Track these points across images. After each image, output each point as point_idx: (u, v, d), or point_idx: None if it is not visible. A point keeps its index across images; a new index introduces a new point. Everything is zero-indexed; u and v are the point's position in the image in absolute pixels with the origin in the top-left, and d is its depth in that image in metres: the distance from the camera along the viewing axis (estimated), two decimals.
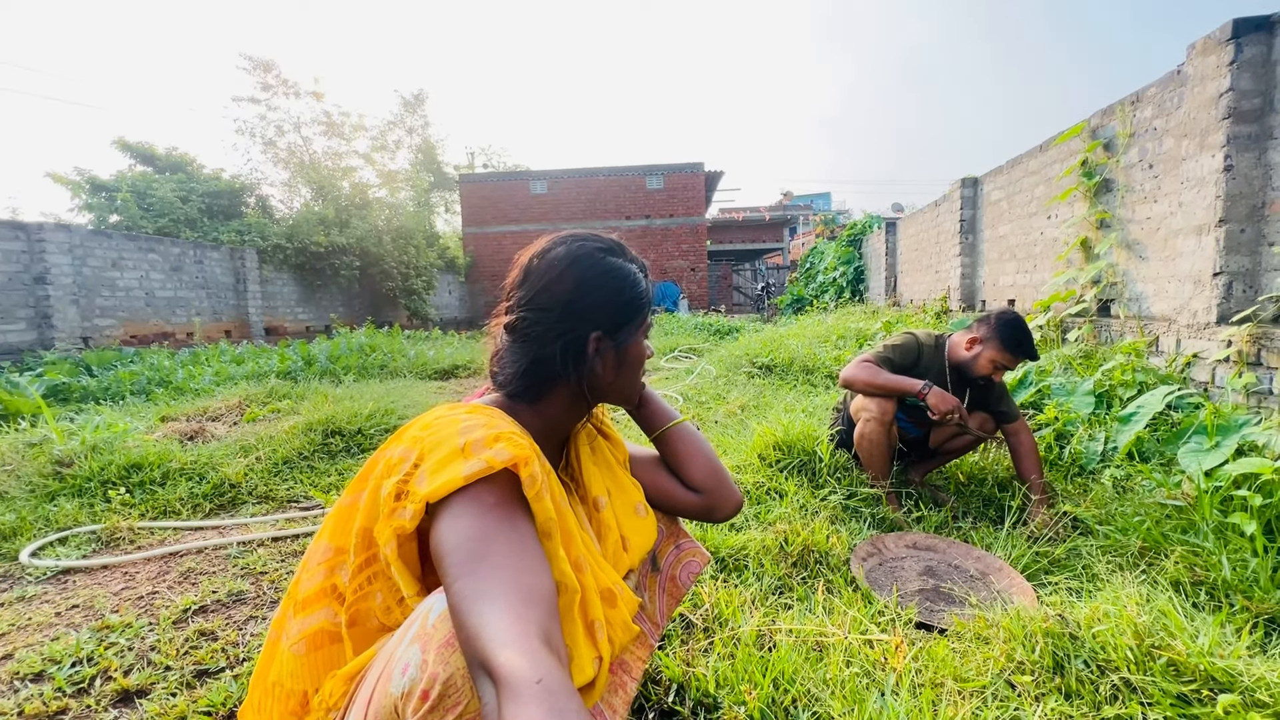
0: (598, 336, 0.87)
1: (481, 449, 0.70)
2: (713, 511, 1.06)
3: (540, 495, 0.71)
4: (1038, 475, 2.20)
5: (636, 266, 0.92)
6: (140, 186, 10.52)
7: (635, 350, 0.91)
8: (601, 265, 0.88)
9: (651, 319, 0.94)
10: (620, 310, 0.88)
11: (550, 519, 0.73)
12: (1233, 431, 2.15)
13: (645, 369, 0.97)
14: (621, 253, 0.92)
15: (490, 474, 0.68)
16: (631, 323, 0.89)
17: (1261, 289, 2.77)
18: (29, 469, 2.63)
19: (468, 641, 0.56)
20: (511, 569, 0.61)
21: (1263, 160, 2.77)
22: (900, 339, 2.33)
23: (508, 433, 0.74)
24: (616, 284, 0.88)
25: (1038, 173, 5.00)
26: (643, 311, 0.91)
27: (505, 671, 0.51)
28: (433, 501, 0.67)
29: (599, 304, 0.87)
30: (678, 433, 1.06)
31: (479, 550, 0.62)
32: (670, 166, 18.03)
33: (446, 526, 0.65)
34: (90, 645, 1.47)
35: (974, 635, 1.38)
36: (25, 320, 7.00)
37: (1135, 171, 3.67)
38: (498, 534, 0.64)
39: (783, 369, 5.06)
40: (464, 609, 0.58)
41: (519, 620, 0.56)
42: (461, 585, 0.60)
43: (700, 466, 1.04)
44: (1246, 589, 1.49)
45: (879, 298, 10.85)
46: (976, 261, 6.55)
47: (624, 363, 0.90)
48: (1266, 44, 2.74)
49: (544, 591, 0.62)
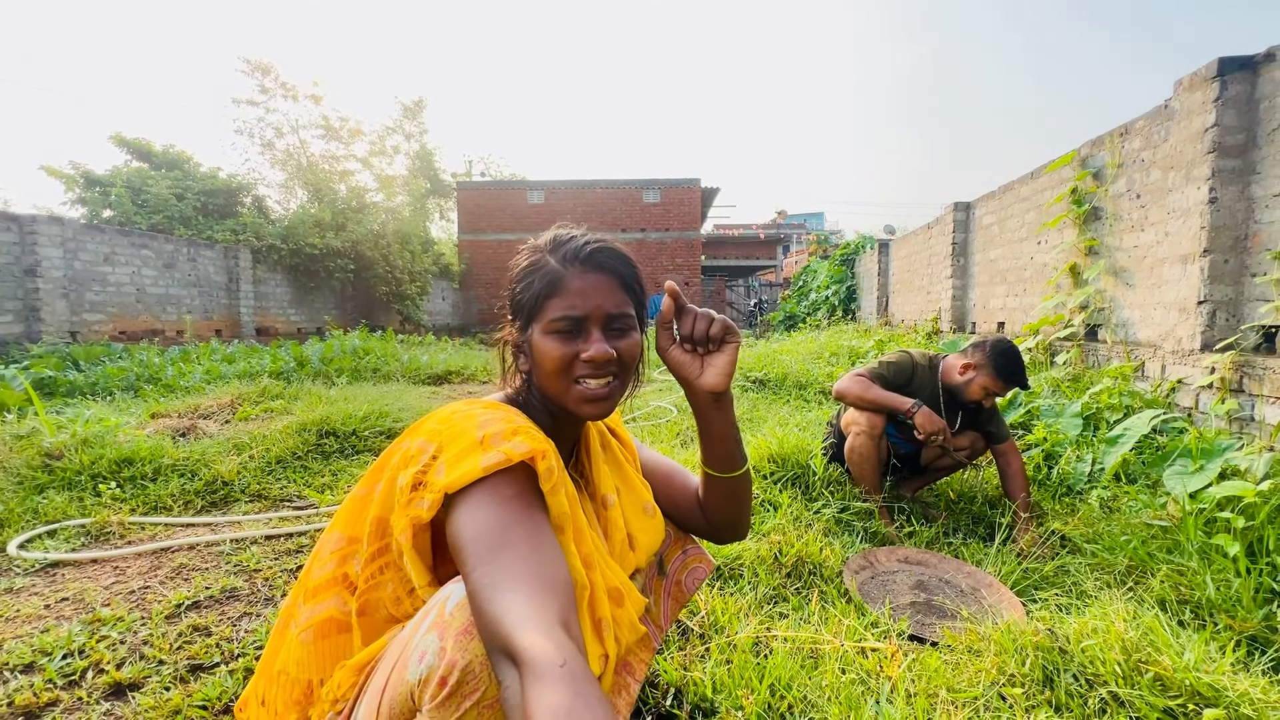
0: (516, 328, 0.88)
1: (500, 441, 0.71)
2: (716, 540, 1.07)
3: (556, 489, 0.73)
4: (1025, 496, 2.25)
5: (565, 261, 0.83)
6: (135, 182, 10.46)
7: (539, 346, 0.82)
8: (520, 260, 0.87)
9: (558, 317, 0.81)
10: (515, 306, 0.87)
11: (564, 513, 0.74)
12: (1216, 455, 2.20)
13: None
14: (554, 247, 0.85)
15: (508, 466, 0.70)
16: (526, 318, 0.85)
17: (1244, 318, 2.85)
18: (17, 461, 2.60)
19: (488, 628, 0.57)
20: (531, 559, 0.63)
21: (1246, 193, 2.86)
22: (895, 357, 2.37)
23: (525, 427, 0.76)
24: (517, 277, 0.87)
25: (1029, 199, 5.11)
26: (529, 307, 0.84)
27: (530, 655, 0.52)
28: (451, 492, 0.69)
29: (511, 298, 0.88)
30: (734, 481, 0.96)
31: (498, 540, 0.64)
32: (667, 181, 18.19)
33: (465, 517, 0.67)
34: (81, 638, 1.45)
35: (966, 648, 1.40)
36: (13, 312, 6.91)
37: (1123, 201, 3.77)
38: (516, 524, 0.66)
39: (776, 384, 5.10)
40: (484, 596, 0.59)
41: (540, 608, 0.57)
42: (481, 574, 0.61)
43: (733, 513, 1.00)
44: (1230, 608, 1.52)
45: (871, 317, 10.96)
46: (968, 284, 6.66)
47: (534, 358, 0.84)
48: (1250, 82, 2.84)
49: (562, 582, 0.63)
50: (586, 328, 0.82)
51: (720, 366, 0.88)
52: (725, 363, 0.88)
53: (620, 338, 0.84)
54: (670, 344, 0.91)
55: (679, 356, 0.90)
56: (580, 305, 0.81)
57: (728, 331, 0.88)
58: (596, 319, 0.82)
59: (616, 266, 0.85)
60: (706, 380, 0.89)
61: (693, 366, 0.89)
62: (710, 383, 0.88)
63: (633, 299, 0.86)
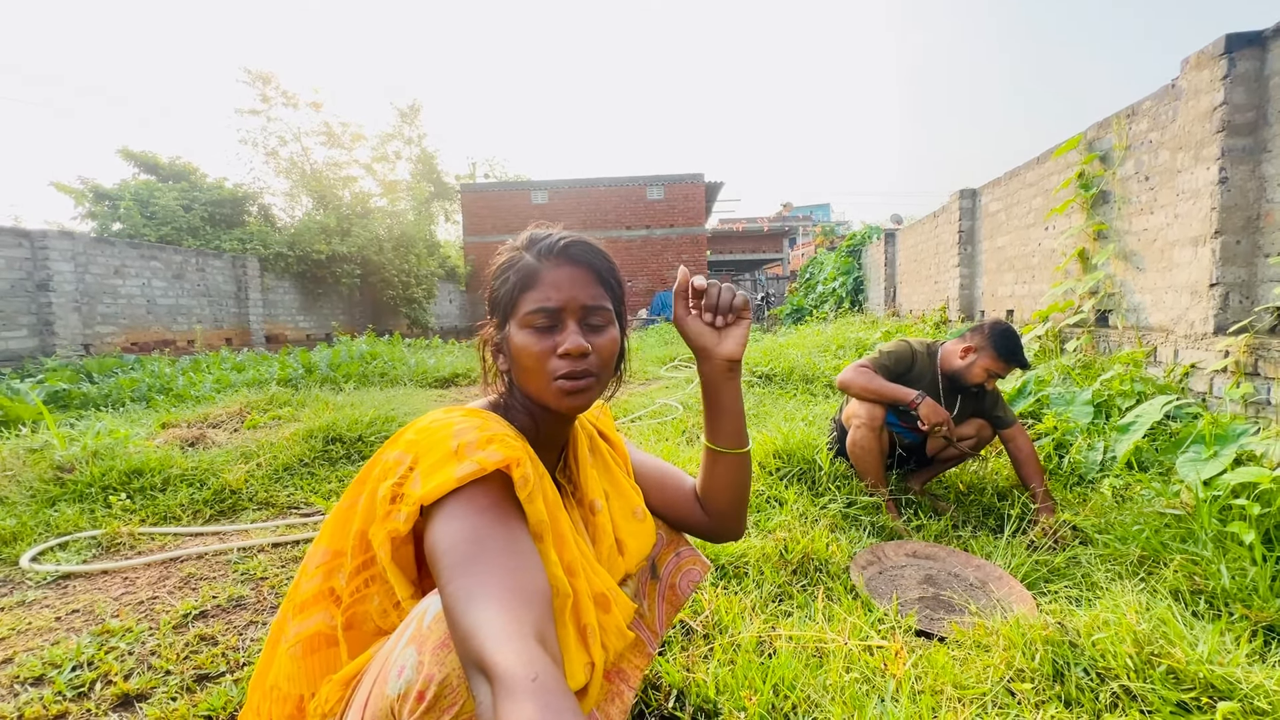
0: (494, 326, 0.89)
1: (474, 451, 0.70)
2: (715, 537, 1.05)
3: (532, 497, 0.72)
4: (1039, 482, 2.23)
5: (540, 256, 0.84)
6: (143, 195, 10.57)
7: (516, 341, 0.83)
8: (498, 258, 0.89)
9: (533, 310, 0.81)
10: (493, 303, 0.89)
11: (542, 521, 0.73)
12: (1231, 441, 2.16)
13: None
14: (529, 244, 0.86)
15: (483, 476, 0.69)
16: (503, 315, 0.86)
17: (1258, 300, 2.79)
18: (30, 474, 2.63)
19: (462, 641, 0.57)
20: (506, 569, 0.62)
21: (1257, 172, 2.80)
22: (894, 346, 2.36)
23: (500, 434, 0.75)
24: (494, 274, 0.89)
25: (1035, 184, 5.04)
26: (505, 302, 0.85)
27: (500, 670, 0.51)
28: (427, 504, 0.68)
29: (489, 296, 0.90)
30: (735, 459, 0.98)
31: (473, 551, 0.63)
32: (671, 177, 18.14)
33: (440, 528, 0.66)
34: (90, 649, 1.47)
35: (974, 643, 1.38)
36: (27, 327, 7.01)
37: (1132, 183, 3.70)
38: (491, 535, 0.65)
39: (782, 378, 5.07)
40: (458, 609, 0.59)
41: (514, 620, 0.56)
42: (456, 586, 0.60)
43: (732, 498, 1.00)
44: (1245, 597, 1.49)
45: (878, 308, 10.88)
46: (975, 272, 6.58)
47: (511, 355, 0.84)
48: (1259, 59, 2.78)
49: (538, 592, 0.62)
50: (563, 320, 0.82)
51: (737, 337, 0.93)
52: (741, 334, 0.93)
53: (597, 333, 0.84)
54: (686, 314, 0.94)
55: (697, 326, 0.94)
56: (555, 297, 0.81)
57: (745, 305, 0.93)
58: (572, 311, 0.82)
59: (591, 260, 0.85)
60: (724, 349, 0.93)
61: (711, 336, 0.93)
62: (728, 350, 0.93)
63: (609, 293, 0.86)
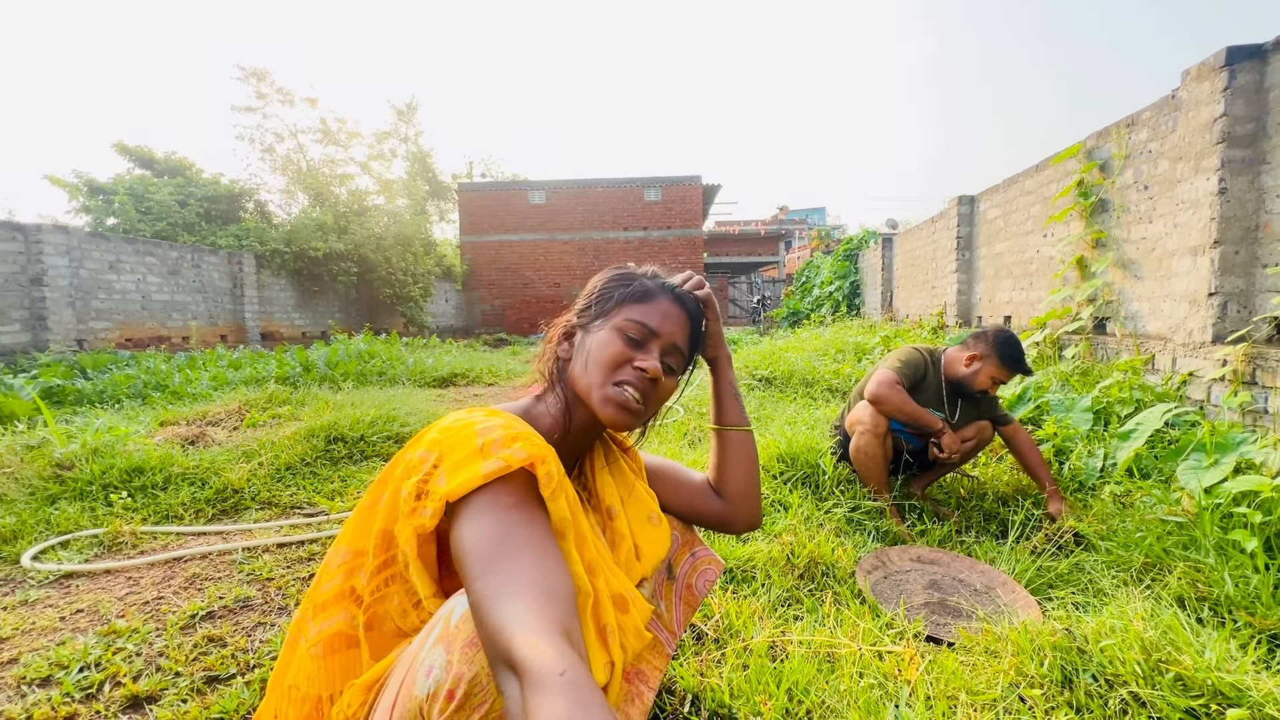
0: (568, 323, 0.96)
1: (500, 448, 0.71)
2: (731, 523, 1.07)
3: (556, 494, 0.73)
4: (1044, 471, 2.35)
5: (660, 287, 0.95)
6: (138, 190, 10.50)
7: (601, 336, 0.91)
8: (607, 272, 0.97)
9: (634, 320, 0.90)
10: (589, 302, 0.95)
11: (565, 519, 0.74)
12: (1231, 449, 2.18)
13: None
14: (652, 275, 0.98)
15: (508, 473, 0.70)
16: (597, 313, 0.93)
17: (1256, 309, 2.83)
18: (28, 472, 2.61)
19: (490, 638, 0.57)
20: (532, 567, 0.62)
21: (1256, 184, 2.84)
22: (909, 355, 2.38)
23: (526, 433, 0.75)
24: (603, 279, 0.97)
25: (1034, 192, 5.08)
26: (607, 303, 0.93)
27: (530, 665, 0.51)
28: (452, 500, 0.68)
29: (587, 295, 0.97)
30: (740, 436, 1.07)
31: (499, 549, 0.64)
32: (668, 178, 18.15)
33: (466, 525, 0.66)
34: (97, 650, 1.46)
35: (983, 649, 1.39)
36: (20, 322, 6.94)
37: (1131, 192, 3.74)
38: (517, 532, 0.66)
39: (783, 381, 5.08)
40: (485, 606, 0.59)
41: (541, 616, 0.57)
42: (483, 584, 0.61)
43: (742, 476, 1.06)
44: (1249, 605, 1.51)
45: (875, 312, 10.92)
46: (973, 278, 6.62)
47: (588, 345, 0.91)
48: (1259, 71, 2.82)
49: (564, 589, 0.63)
50: (651, 344, 0.90)
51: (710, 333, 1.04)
52: (712, 329, 1.03)
53: (667, 374, 0.92)
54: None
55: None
56: (658, 323, 0.91)
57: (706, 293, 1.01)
58: (663, 342, 0.91)
59: (698, 311, 0.97)
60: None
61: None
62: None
63: (691, 351, 0.97)
